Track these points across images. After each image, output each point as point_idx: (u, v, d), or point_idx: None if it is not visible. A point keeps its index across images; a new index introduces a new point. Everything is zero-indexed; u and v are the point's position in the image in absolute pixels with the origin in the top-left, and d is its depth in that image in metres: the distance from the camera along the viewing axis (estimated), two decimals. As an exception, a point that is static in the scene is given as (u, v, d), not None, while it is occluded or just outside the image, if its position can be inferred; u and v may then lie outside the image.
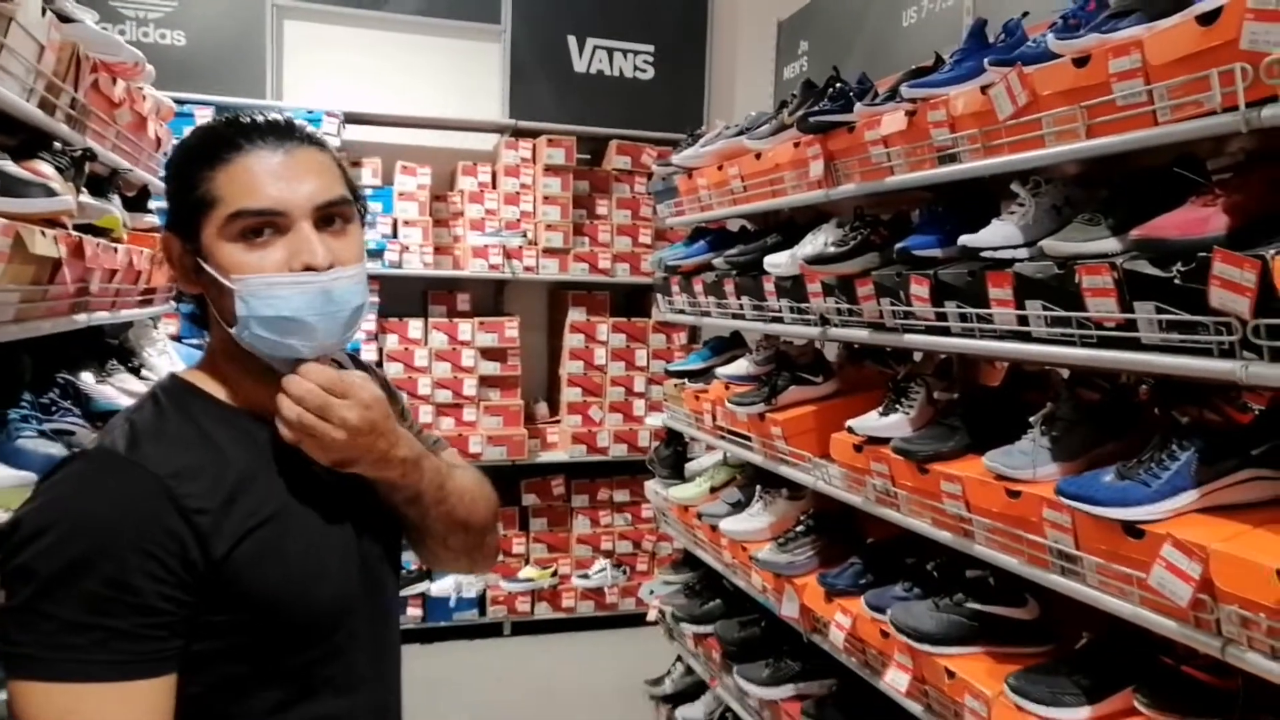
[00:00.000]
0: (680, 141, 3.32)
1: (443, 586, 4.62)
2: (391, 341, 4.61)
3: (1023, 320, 1.71)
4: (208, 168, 0.98)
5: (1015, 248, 1.75)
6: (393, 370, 4.57)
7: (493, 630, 4.78)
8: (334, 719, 1.05)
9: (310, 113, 4.47)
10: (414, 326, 4.65)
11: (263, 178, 0.97)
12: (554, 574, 4.85)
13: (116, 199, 2.26)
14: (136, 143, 2.37)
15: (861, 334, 2.25)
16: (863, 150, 2.21)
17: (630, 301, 5.24)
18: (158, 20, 4.44)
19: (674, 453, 3.42)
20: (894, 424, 2.12)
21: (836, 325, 2.36)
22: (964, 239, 1.79)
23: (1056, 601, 1.82)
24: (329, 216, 1.01)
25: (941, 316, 1.94)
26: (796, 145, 2.47)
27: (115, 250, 2.03)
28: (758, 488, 2.83)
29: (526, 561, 4.88)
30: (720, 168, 2.92)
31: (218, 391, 1.04)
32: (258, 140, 0.99)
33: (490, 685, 4.20)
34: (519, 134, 4.94)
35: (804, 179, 2.48)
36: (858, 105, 2.22)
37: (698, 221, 3.25)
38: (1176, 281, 1.44)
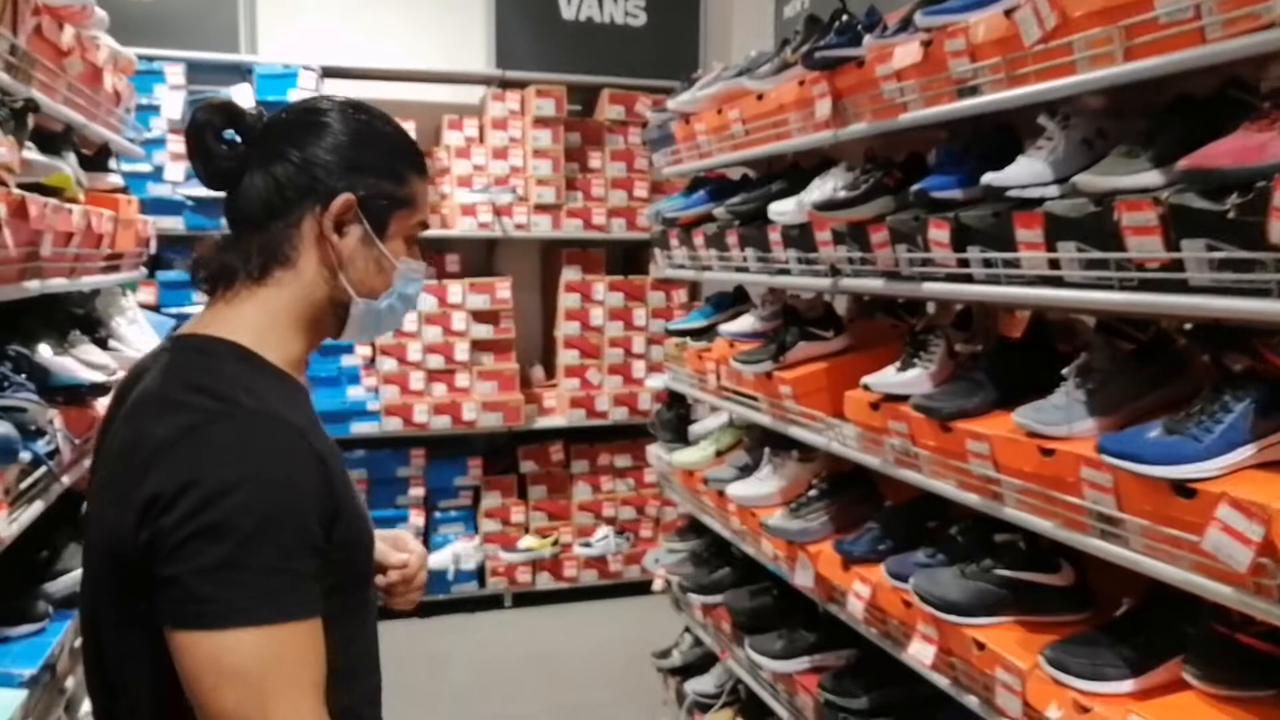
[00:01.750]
0: (675, 88, 3.15)
1: (441, 559, 4.52)
2: (380, 306, 4.45)
3: (1054, 264, 1.57)
4: (416, 174, 1.17)
5: (1045, 185, 1.60)
6: (382, 337, 4.43)
7: (493, 602, 4.69)
8: (373, 656, 1.19)
9: (286, 67, 4.30)
10: (403, 290, 4.48)
11: (428, 199, 1.25)
12: (555, 543, 4.74)
13: (72, 157, 2.09)
14: (93, 96, 2.19)
15: (876, 284, 2.11)
16: (874, 86, 2.05)
17: (627, 258, 5.09)
18: (122, -27, 4.21)
19: (676, 416, 3.29)
20: (913, 380, 1.98)
21: (848, 276, 2.22)
22: (987, 177, 1.64)
23: (1092, 566, 1.70)
24: None
25: (964, 263, 1.80)
26: (801, 84, 2.30)
27: (70, 211, 1.87)
28: (766, 450, 2.71)
29: (526, 531, 4.78)
30: (719, 111, 2.76)
31: (256, 347, 1.08)
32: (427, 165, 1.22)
33: (492, 659, 4.11)
34: (506, 85, 4.76)
35: (810, 120, 2.32)
36: (867, 38, 2.06)
37: (696, 170, 3.08)
38: (1230, 215, 1.29)
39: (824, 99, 2.20)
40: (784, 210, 2.37)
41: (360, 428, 4.43)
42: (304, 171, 1.09)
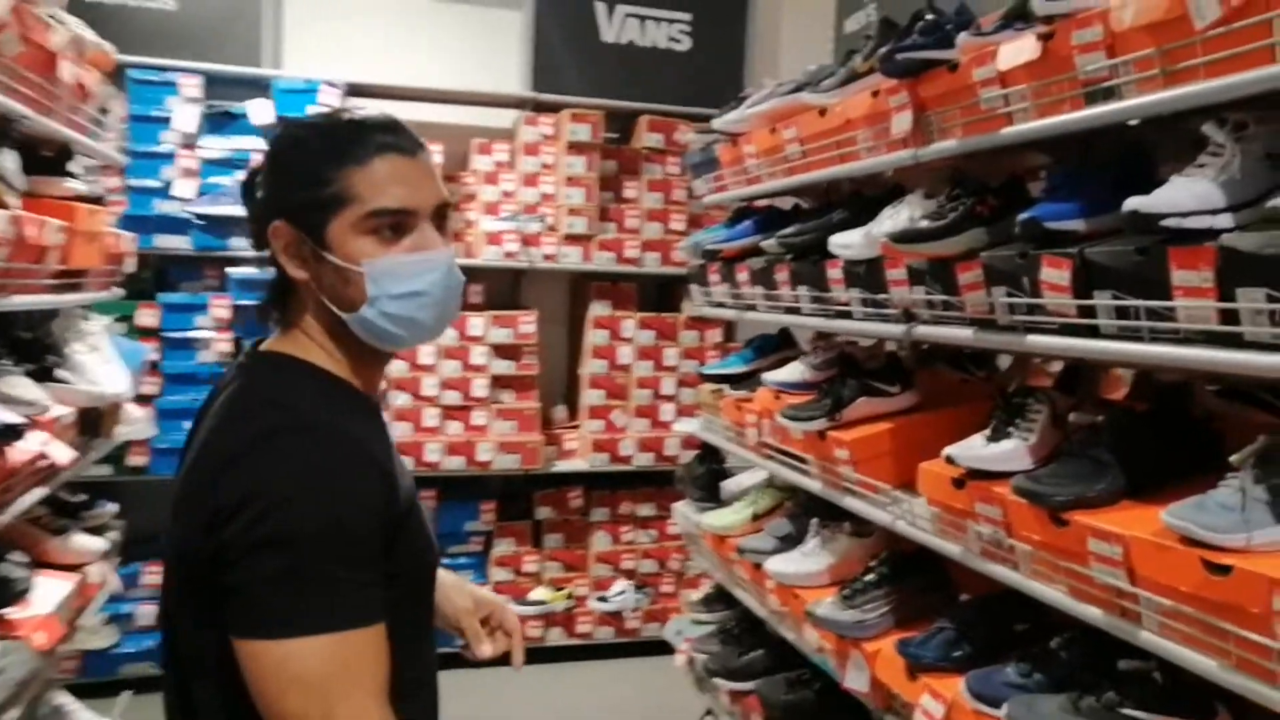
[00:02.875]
0: (718, 114, 2.82)
1: (447, 609, 4.15)
2: (394, 336, 4.13)
3: (1229, 316, 1.19)
4: (341, 167, 1.06)
5: (1215, 213, 1.23)
6: (396, 369, 4.11)
7: (499, 658, 4.30)
8: (431, 672, 1.21)
9: (308, 83, 4.04)
10: (419, 320, 4.16)
11: (396, 180, 1.07)
12: (569, 596, 4.39)
13: (11, 155, 1.77)
14: (44, 86, 1.88)
15: (962, 334, 1.73)
16: (969, 95, 1.70)
17: (660, 294, 4.75)
18: (143, -18, 4.00)
19: (708, 471, 2.92)
20: (1008, 453, 1.61)
21: (926, 323, 1.85)
22: (1135, 202, 1.27)
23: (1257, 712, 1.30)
24: (441, 214, 1.13)
25: (1086, 312, 1.43)
26: (875, 95, 1.96)
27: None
28: (814, 520, 2.32)
29: (539, 581, 4.42)
30: (773, 131, 2.42)
31: (328, 365, 1.12)
32: (388, 143, 1.08)
33: (496, 722, 3.71)
34: (540, 108, 4.47)
35: (883, 137, 1.97)
36: (962, 37, 1.71)
37: (743, 197, 2.74)
38: None
39: (903, 111, 1.85)
40: (849, 243, 2.01)
41: (366, 466, 4.09)
42: (257, 217, 1.12)
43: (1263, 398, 1.81)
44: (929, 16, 1.86)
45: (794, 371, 2.41)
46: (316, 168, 1.07)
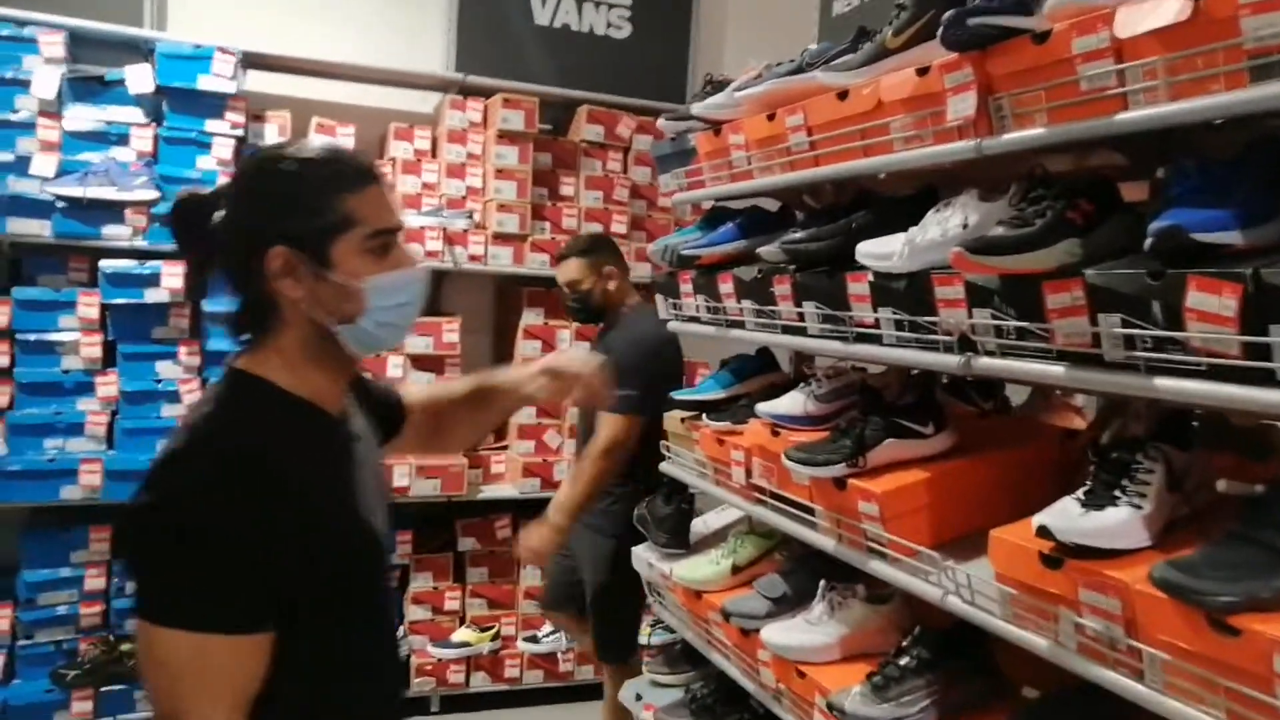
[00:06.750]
0: (666, 110, 2.45)
1: (355, 656, 3.66)
2: (297, 345, 3.61)
3: None
4: (345, 194, 1.18)
5: None
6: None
7: (417, 707, 3.88)
8: (356, 669, 1.25)
9: (198, 49, 3.49)
10: (328, 326, 3.66)
11: (383, 205, 1.22)
12: (495, 636, 3.96)
13: None
14: None
15: (1050, 370, 1.38)
16: (1061, 71, 1.35)
17: (598, 303, 4.33)
18: (-1, -80, 3.40)
19: (677, 510, 2.52)
20: (1121, 526, 1.26)
21: (992, 354, 1.49)
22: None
23: None
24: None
25: (1253, 351, 1.09)
26: (923, 73, 1.60)
27: None
28: (822, 583, 1.95)
29: (462, 621, 3.98)
30: (771, 117, 2.04)
31: (290, 384, 1.20)
32: (371, 173, 1.21)
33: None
34: (467, 92, 4.01)
35: (928, 125, 1.61)
36: (1051, 2, 1.36)
37: (727, 195, 2.35)
38: None
39: (964, 92, 1.50)
40: (887, 253, 1.64)
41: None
42: (241, 242, 1.17)
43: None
44: (994, -22, 1.51)
45: (794, 403, 2.03)
46: (318, 197, 1.16)
